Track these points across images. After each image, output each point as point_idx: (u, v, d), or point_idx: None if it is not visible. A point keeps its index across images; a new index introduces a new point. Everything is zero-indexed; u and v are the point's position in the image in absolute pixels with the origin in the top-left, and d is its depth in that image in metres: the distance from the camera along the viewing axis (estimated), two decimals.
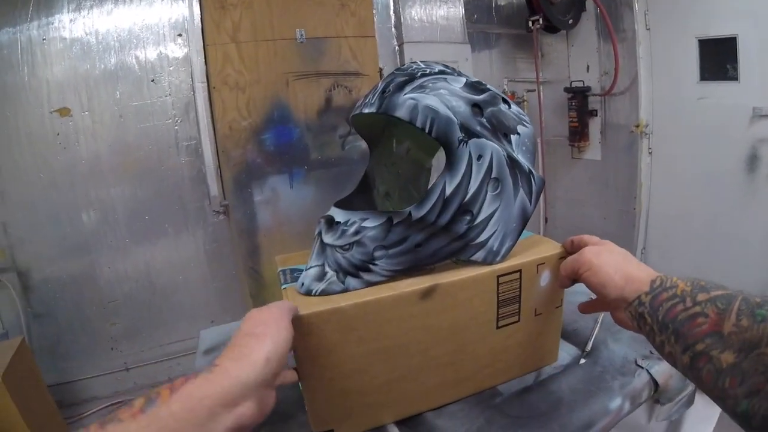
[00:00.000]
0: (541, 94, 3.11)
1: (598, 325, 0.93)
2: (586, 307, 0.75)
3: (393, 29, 2.54)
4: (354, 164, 2.39)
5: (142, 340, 2.19)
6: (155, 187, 2.12)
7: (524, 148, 0.71)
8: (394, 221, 0.65)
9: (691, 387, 0.86)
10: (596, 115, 3.12)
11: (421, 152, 0.90)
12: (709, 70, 2.60)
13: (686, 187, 2.84)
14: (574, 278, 0.68)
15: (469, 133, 0.65)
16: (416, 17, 2.55)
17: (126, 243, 2.12)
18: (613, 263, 0.62)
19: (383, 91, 0.65)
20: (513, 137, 0.70)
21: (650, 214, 3.08)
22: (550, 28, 2.91)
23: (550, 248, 0.77)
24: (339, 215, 0.68)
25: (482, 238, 0.69)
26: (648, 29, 2.79)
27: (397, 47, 2.57)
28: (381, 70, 2.42)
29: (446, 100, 0.64)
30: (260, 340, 0.48)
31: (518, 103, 3.05)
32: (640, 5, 2.75)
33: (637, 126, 2.91)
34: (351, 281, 0.66)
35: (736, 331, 0.45)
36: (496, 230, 0.70)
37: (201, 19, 2.01)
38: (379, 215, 0.66)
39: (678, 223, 2.93)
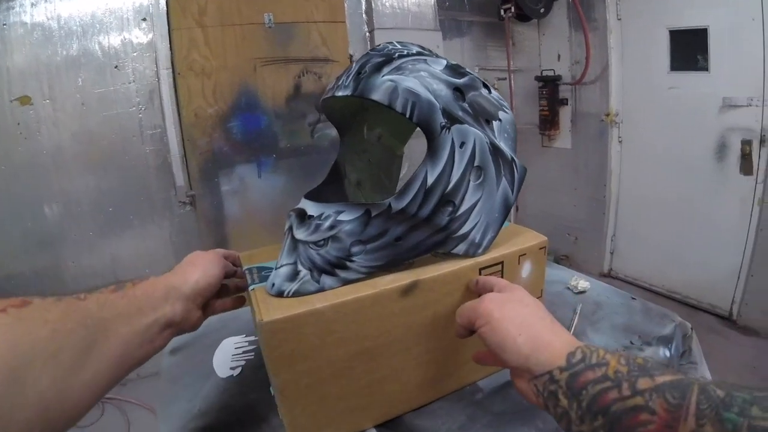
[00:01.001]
0: (512, 82, 3.11)
1: (577, 316, 0.92)
2: (485, 358, 0.64)
3: (363, 15, 2.50)
4: (324, 152, 2.36)
5: None
6: (119, 178, 2.04)
7: (506, 135, 0.68)
8: (373, 214, 0.61)
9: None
10: (567, 104, 3.16)
11: (393, 139, 0.86)
12: (679, 61, 2.64)
13: (656, 175, 2.89)
14: (471, 330, 0.57)
15: (452, 119, 0.61)
16: (387, 3, 2.51)
17: (90, 236, 2.04)
18: (518, 320, 0.51)
19: (359, 73, 0.61)
20: (495, 123, 0.67)
21: (620, 201, 3.14)
22: (522, 17, 2.91)
23: (531, 238, 0.75)
24: (311, 208, 0.63)
25: (464, 230, 0.67)
26: (619, 19, 2.82)
27: (367, 33, 2.53)
28: (351, 56, 2.39)
29: (427, 83, 0.60)
30: (194, 268, 0.63)
31: None
32: None
33: (608, 115, 2.95)
34: (326, 280, 0.62)
35: None
36: (478, 221, 0.67)
37: (166, 2, 1.94)
38: (356, 207, 0.62)
39: (648, 211, 2.99)
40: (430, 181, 0.61)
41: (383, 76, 0.59)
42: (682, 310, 2.67)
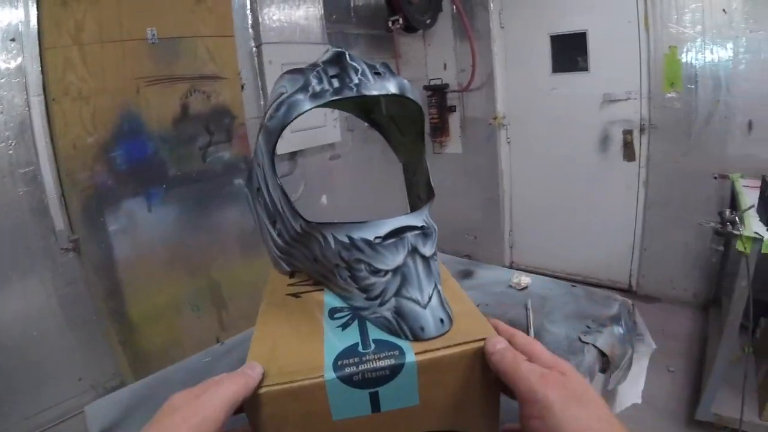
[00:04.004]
0: None
1: (531, 312, 0.94)
2: None
3: (250, 29, 2.38)
4: (218, 177, 2.19)
5: (4, 414, 1.76)
6: None
7: None
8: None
9: (631, 350, 0.90)
10: (455, 111, 3.28)
11: None
12: (561, 63, 2.88)
13: (546, 170, 3.10)
14: (505, 389, 0.46)
15: None
16: (275, 17, 2.42)
17: None
18: (576, 425, 0.39)
19: (390, 72, 0.60)
20: None
21: (513, 198, 3.33)
22: (409, 28, 2.96)
23: None
24: (416, 220, 0.56)
25: None
26: (502, 27, 2.99)
27: (254, 48, 2.41)
28: (239, 72, 2.24)
29: None
30: None
31: None
32: (495, 5, 2.97)
33: (495, 118, 3.09)
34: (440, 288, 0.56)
35: None
36: None
37: (38, 19, 1.66)
38: (426, 207, 0.61)
39: (541, 204, 3.20)
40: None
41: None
42: None
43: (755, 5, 2.26)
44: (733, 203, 2.18)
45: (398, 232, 0.54)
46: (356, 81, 0.56)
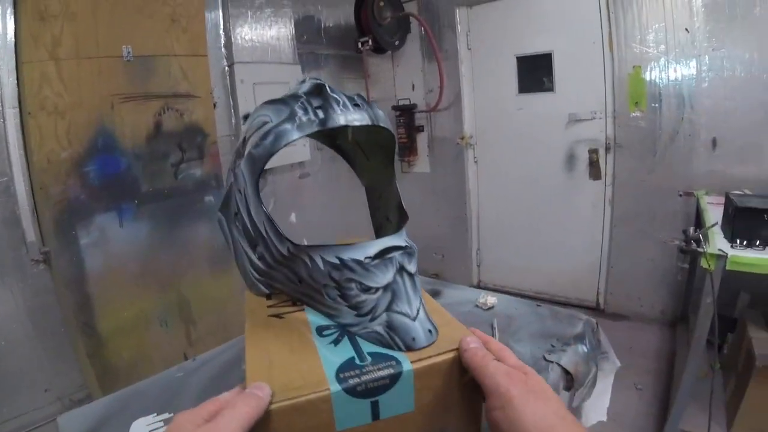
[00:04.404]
0: None
1: (497, 332, 0.95)
2: None
3: (222, 49, 2.42)
4: (189, 194, 2.20)
5: None
6: None
7: None
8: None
9: (595, 368, 0.91)
10: (423, 131, 3.33)
11: None
12: (527, 83, 2.93)
13: (512, 189, 3.15)
14: (475, 382, 0.50)
15: None
16: (246, 37, 2.47)
17: None
18: (542, 425, 0.44)
19: (366, 104, 0.63)
20: None
21: (481, 217, 3.36)
22: (378, 49, 3.02)
23: None
24: (399, 240, 0.60)
25: None
26: (470, 49, 3.05)
27: (227, 68, 2.45)
28: (212, 91, 2.28)
29: None
30: None
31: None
32: (462, 27, 3.02)
33: (462, 138, 3.14)
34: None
35: None
36: None
37: (15, 32, 1.68)
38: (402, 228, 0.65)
39: (508, 223, 3.23)
40: None
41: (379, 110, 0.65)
42: None
43: (717, 24, 2.33)
44: (698, 220, 2.20)
45: (385, 252, 0.58)
46: (339, 112, 0.60)
